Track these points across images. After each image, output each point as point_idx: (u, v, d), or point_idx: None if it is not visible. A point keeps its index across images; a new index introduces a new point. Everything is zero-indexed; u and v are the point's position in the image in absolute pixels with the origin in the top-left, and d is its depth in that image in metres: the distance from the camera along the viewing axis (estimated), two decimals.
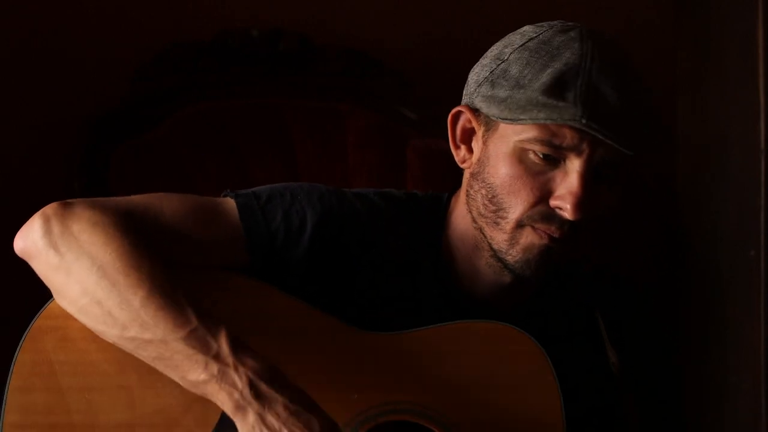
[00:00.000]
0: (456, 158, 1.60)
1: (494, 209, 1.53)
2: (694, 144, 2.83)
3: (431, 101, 2.60)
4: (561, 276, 1.65)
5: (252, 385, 1.39)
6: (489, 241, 1.55)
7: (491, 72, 1.53)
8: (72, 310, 1.45)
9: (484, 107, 1.53)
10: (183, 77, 2.53)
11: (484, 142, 1.55)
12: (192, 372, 1.41)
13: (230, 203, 1.54)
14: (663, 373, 1.63)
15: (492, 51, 1.57)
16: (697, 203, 2.83)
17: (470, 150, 1.58)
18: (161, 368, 1.43)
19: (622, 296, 1.71)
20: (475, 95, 1.55)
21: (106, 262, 1.42)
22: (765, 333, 2.55)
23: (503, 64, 1.52)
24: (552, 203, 1.50)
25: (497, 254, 1.55)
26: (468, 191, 1.58)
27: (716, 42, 2.74)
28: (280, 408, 1.40)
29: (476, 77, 1.56)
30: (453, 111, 1.59)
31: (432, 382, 1.53)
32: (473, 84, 1.56)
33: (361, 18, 2.70)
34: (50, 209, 1.46)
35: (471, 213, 1.58)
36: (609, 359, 1.65)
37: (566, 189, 1.49)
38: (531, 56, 1.51)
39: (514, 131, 1.50)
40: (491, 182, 1.53)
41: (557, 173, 1.50)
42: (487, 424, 1.53)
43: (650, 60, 2.20)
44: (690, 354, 2.79)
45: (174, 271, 1.46)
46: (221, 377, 1.40)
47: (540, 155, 1.50)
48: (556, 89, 1.47)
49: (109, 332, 1.43)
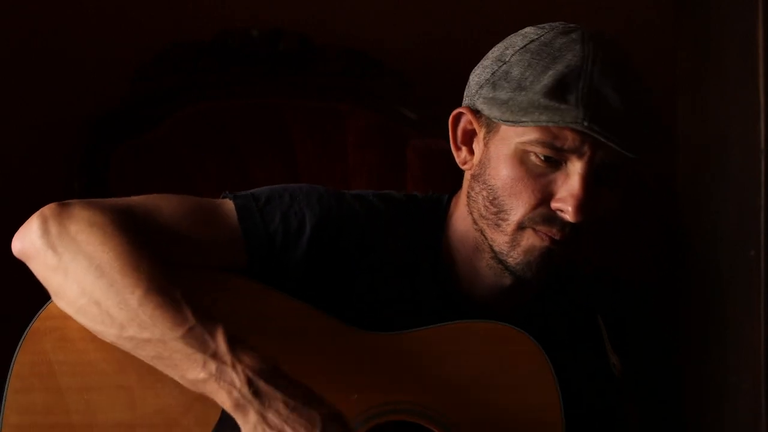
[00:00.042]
0: (457, 160, 1.60)
1: (495, 211, 1.53)
2: (694, 144, 2.83)
3: (431, 101, 2.60)
4: (561, 278, 1.64)
5: (250, 383, 1.39)
6: (490, 243, 1.55)
7: (493, 74, 1.53)
8: (70, 311, 1.45)
9: (486, 109, 1.52)
10: (183, 77, 2.52)
11: (485, 144, 1.55)
12: (191, 371, 1.40)
13: (229, 205, 1.54)
14: (663, 374, 1.63)
15: (493, 52, 1.56)
16: (697, 203, 2.83)
17: (471, 151, 1.58)
18: (161, 367, 1.43)
19: (623, 298, 1.71)
20: (477, 97, 1.54)
21: (104, 262, 1.42)
22: (765, 333, 2.55)
23: (505, 66, 1.52)
24: (553, 205, 1.50)
25: (498, 256, 1.55)
26: (469, 193, 1.57)
27: (716, 42, 2.74)
28: (281, 405, 1.40)
29: (477, 79, 1.56)
30: (454, 112, 1.58)
31: (431, 382, 1.53)
32: (474, 86, 1.56)
33: (361, 18, 2.70)
34: (48, 210, 1.46)
35: (472, 215, 1.57)
36: (610, 361, 1.65)
37: (567, 191, 1.49)
38: (532, 58, 1.50)
39: (516, 133, 1.50)
40: (492, 184, 1.53)
41: (558, 175, 1.50)
42: (487, 424, 1.53)
43: (650, 60, 2.20)
44: (690, 354, 2.79)
45: (173, 271, 1.46)
46: (220, 376, 1.39)
47: (541, 157, 1.49)
48: (558, 91, 1.47)
49: (108, 332, 1.43)
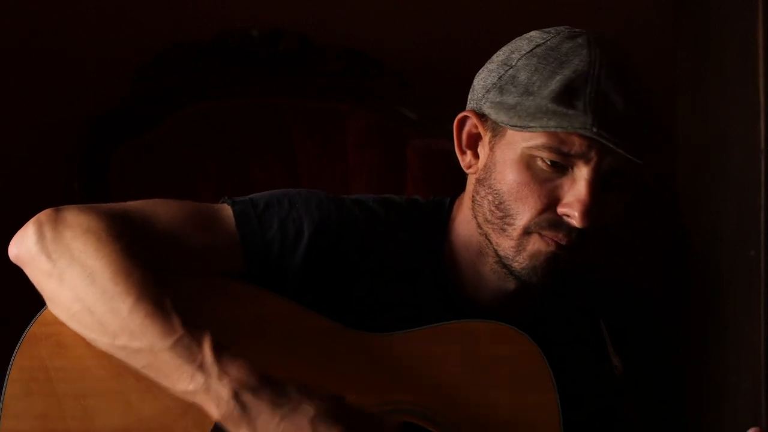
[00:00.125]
0: (461, 163, 1.59)
1: (501, 216, 1.52)
2: (694, 144, 2.83)
3: (431, 101, 2.60)
4: (564, 282, 1.64)
5: (237, 396, 1.38)
6: (495, 248, 1.54)
7: (499, 78, 1.52)
8: (64, 318, 1.44)
9: (493, 113, 1.52)
10: (183, 77, 2.52)
11: (491, 148, 1.54)
12: (180, 382, 1.40)
13: (227, 210, 1.53)
14: (663, 374, 1.63)
15: (498, 56, 1.56)
16: (697, 203, 2.83)
17: (476, 155, 1.57)
18: (153, 377, 1.42)
19: (626, 301, 1.70)
20: (483, 101, 1.54)
21: (97, 270, 1.41)
22: (765, 333, 2.55)
23: (511, 70, 1.51)
24: (560, 210, 1.50)
25: (503, 261, 1.54)
26: (474, 197, 1.57)
27: (716, 42, 2.74)
28: (268, 417, 1.38)
29: (483, 82, 1.55)
30: (459, 116, 1.57)
31: (430, 382, 1.53)
32: (480, 89, 1.55)
33: (361, 18, 2.70)
34: (44, 215, 1.45)
35: (476, 219, 1.57)
36: (612, 362, 1.64)
37: (574, 196, 1.49)
38: (539, 63, 1.50)
39: (522, 138, 1.50)
40: (498, 188, 1.52)
41: (565, 180, 1.50)
42: (485, 424, 1.53)
43: (650, 60, 2.20)
44: (690, 354, 2.79)
45: (170, 278, 1.46)
46: (207, 388, 1.38)
47: (548, 162, 1.49)
48: (565, 97, 1.46)
49: (101, 340, 1.42)
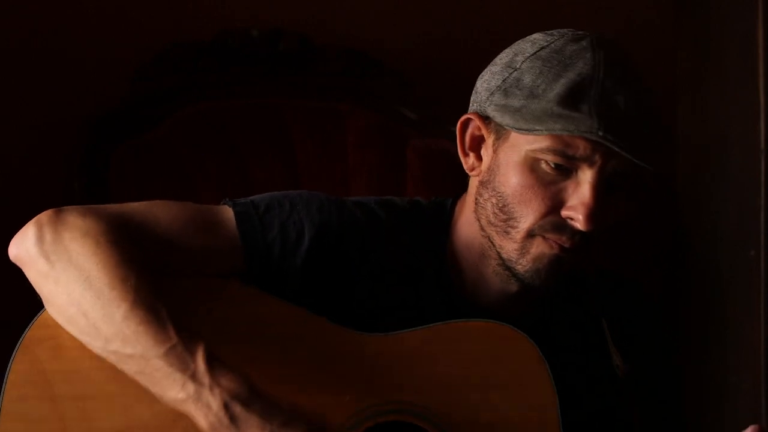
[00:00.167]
0: (464, 166, 1.58)
1: (505, 218, 1.52)
2: (694, 144, 2.83)
3: (431, 101, 2.60)
4: (566, 283, 1.63)
5: (227, 407, 1.38)
6: (498, 250, 1.54)
7: (504, 80, 1.52)
8: (60, 320, 1.45)
9: (498, 116, 1.51)
10: (183, 77, 2.52)
11: (495, 151, 1.54)
12: (170, 390, 1.39)
13: (228, 212, 1.53)
14: (664, 374, 1.62)
15: (502, 59, 1.55)
16: (697, 203, 2.83)
17: (479, 158, 1.57)
18: (143, 383, 1.42)
19: (626, 301, 1.70)
20: (487, 104, 1.53)
21: (93, 274, 1.42)
22: (765, 333, 2.55)
23: (515, 73, 1.51)
24: (564, 214, 1.49)
25: (506, 263, 1.54)
26: (477, 199, 1.56)
27: (716, 42, 2.74)
28: (257, 431, 1.38)
29: (486, 85, 1.55)
30: (462, 118, 1.57)
31: (428, 382, 1.52)
32: (484, 92, 1.55)
33: (361, 18, 2.70)
34: (45, 216, 1.45)
35: (479, 221, 1.56)
36: (613, 362, 1.64)
37: (578, 200, 1.48)
38: (544, 65, 1.49)
39: (526, 140, 1.49)
40: (502, 191, 1.52)
41: (569, 183, 1.49)
42: (484, 424, 1.52)
43: (650, 60, 2.20)
44: (690, 354, 2.79)
45: (166, 282, 1.46)
46: (197, 398, 1.38)
47: (552, 165, 1.49)
48: (570, 100, 1.46)
49: (94, 344, 1.43)
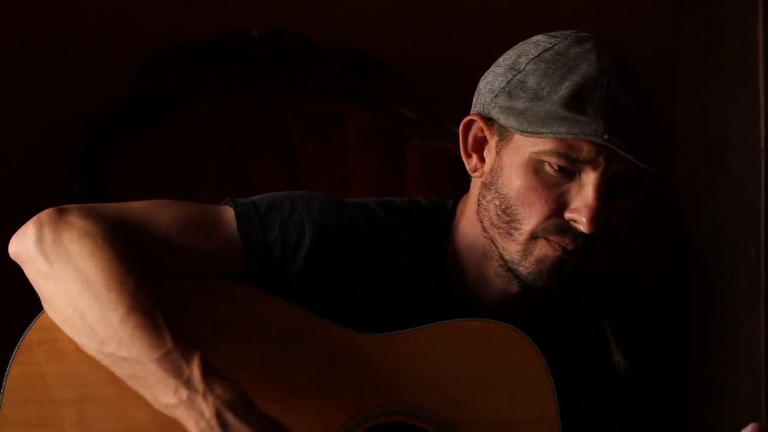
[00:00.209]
0: (467, 167, 1.58)
1: (508, 220, 1.52)
2: (694, 144, 2.83)
3: (431, 101, 2.60)
4: (568, 284, 1.63)
5: (219, 415, 1.38)
6: (500, 252, 1.54)
7: (507, 82, 1.52)
8: (57, 320, 1.45)
9: (502, 118, 1.51)
10: (183, 77, 2.52)
11: (498, 152, 1.53)
12: (163, 394, 1.40)
13: (229, 212, 1.53)
14: (664, 374, 1.62)
15: (505, 60, 1.55)
16: (697, 203, 2.83)
17: (482, 159, 1.56)
18: (135, 387, 1.42)
19: (627, 300, 1.70)
20: (492, 105, 1.53)
21: (91, 275, 1.42)
22: (765, 333, 2.55)
23: (520, 75, 1.51)
24: (567, 216, 1.49)
25: (508, 264, 1.54)
26: (479, 200, 1.56)
27: (716, 42, 2.74)
28: None
29: (490, 86, 1.54)
30: (465, 120, 1.57)
31: (428, 382, 1.52)
32: (487, 93, 1.54)
33: (361, 18, 2.70)
34: (45, 215, 1.46)
35: (482, 222, 1.56)
36: (615, 361, 1.63)
37: (582, 202, 1.48)
38: (548, 67, 1.49)
39: (530, 142, 1.49)
40: (505, 193, 1.52)
41: (572, 186, 1.49)
42: (483, 424, 1.52)
43: (650, 60, 2.20)
44: (690, 354, 2.79)
45: (167, 282, 1.46)
46: (190, 404, 1.38)
47: (555, 167, 1.49)
48: (575, 103, 1.46)
49: (90, 346, 1.43)
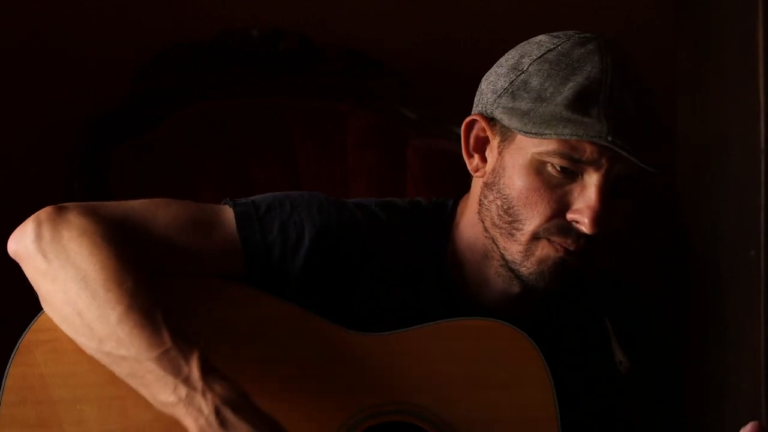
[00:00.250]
0: (469, 167, 1.58)
1: (509, 220, 1.52)
2: (694, 144, 2.83)
3: (431, 101, 2.60)
4: (569, 284, 1.63)
5: (218, 412, 1.38)
6: (502, 252, 1.54)
7: (511, 83, 1.52)
8: (56, 319, 1.45)
9: (505, 119, 1.51)
10: (183, 77, 2.52)
11: (500, 153, 1.53)
12: (162, 393, 1.40)
13: (229, 212, 1.53)
14: (664, 374, 1.63)
15: (507, 60, 1.55)
16: (697, 203, 2.83)
17: (483, 159, 1.56)
18: (134, 386, 1.42)
19: (627, 300, 1.70)
20: (495, 106, 1.53)
21: (89, 274, 1.42)
22: (765, 333, 2.55)
23: (523, 75, 1.51)
24: (569, 217, 1.49)
25: (510, 265, 1.54)
26: (481, 200, 1.56)
27: (716, 42, 2.74)
28: None
29: (492, 87, 1.54)
30: (467, 120, 1.56)
31: (427, 382, 1.52)
32: (490, 93, 1.54)
33: (361, 18, 2.70)
34: (44, 213, 1.46)
35: (483, 222, 1.56)
36: (616, 360, 1.63)
37: (584, 203, 1.48)
38: (551, 68, 1.49)
39: (533, 143, 1.49)
40: (507, 193, 1.52)
41: (575, 187, 1.49)
42: (483, 423, 1.52)
43: (650, 60, 2.20)
44: (690, 354, 2.79)
45: (166, 282, 1.46)
46: (189, 401, 1.39)
47: (558, 168, 1.48)
48: (579, 104, 1.46)
49: (88, 344, 1.43)
